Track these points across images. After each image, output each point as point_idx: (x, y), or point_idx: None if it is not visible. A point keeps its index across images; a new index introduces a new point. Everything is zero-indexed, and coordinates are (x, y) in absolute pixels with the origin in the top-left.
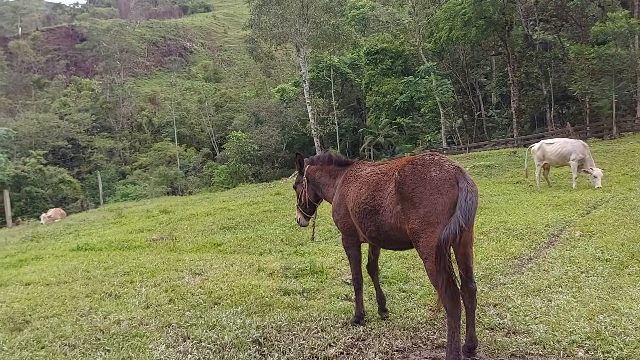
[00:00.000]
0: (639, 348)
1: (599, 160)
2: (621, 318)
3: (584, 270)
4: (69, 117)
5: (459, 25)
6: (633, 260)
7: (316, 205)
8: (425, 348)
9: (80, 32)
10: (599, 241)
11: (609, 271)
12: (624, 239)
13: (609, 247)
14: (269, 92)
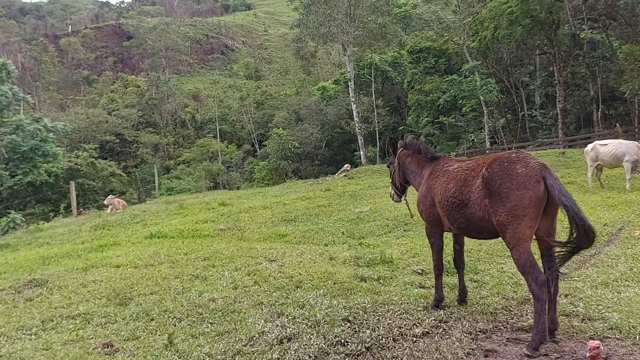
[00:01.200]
0: None
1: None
2: None
3: None
4: (116, 113)
5: (505, 24)
6: None
7: (406, 186)
8: (506, 330)
9: (127, 30)
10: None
11: None
12: None
13: None
14: (309, 90)
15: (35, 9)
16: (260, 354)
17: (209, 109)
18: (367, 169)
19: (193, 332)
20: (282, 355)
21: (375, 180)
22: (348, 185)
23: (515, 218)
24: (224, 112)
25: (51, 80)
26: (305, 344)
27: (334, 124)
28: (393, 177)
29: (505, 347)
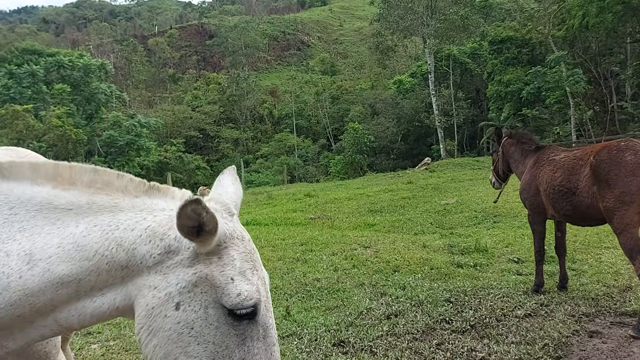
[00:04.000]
0: None
1: None
2: None
3: None
4: (199, 109)
5: (594, 11)
6: None
7: (509, 174)
8: (609, 315)
9: (209, 29)
10: None
11: None
12: None
13: None
14: (385, 84)
15: (124, 11)
16: (371, 326)
17: (286, 104)
18: (448, 162)
19: (305, 306)
20: (392, 328)
21: (457, 173)
22: (430, 178)
23: (623, 204)
24: (300, 107)
25: (140, 79)
26: (412, 320)
27: (410, 118)
28: (496, 165)
29: (609, 329)
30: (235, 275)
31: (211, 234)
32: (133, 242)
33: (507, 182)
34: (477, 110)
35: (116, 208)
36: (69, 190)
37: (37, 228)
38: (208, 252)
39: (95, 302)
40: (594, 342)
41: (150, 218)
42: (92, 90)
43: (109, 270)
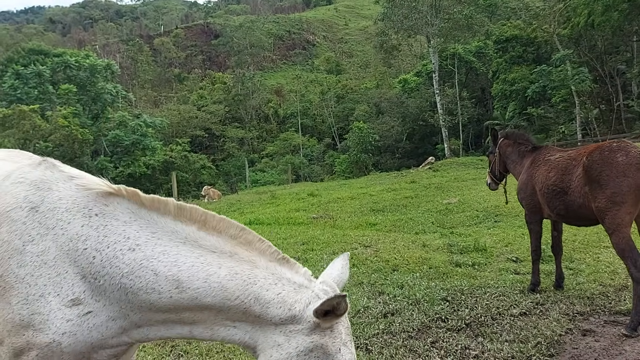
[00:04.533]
0: None
1: None
2: None
3: None
4: (205, 109)
5: (600, 9)
6: None
7: (505, 175)
8: (604, 313)
9: (214, 29)
10: None
11: None
12: None
13: None
14: (390, 83)
15: (130, 11)
16: (367, 325)
17: (291, 103)
18: (452, 161)
19: None
20: (388, 327)
21: (460, 172)
22: (433, 177)
23: (615, 204)
24: (305, 107)
25: (146, 79)
26: (408, 318)
27: (415, 117)
28: (492, 166)
29: (603, 328)
30: (341, 346)
31: (337, 317)
32: (267, 302)
33: (505, 182)
34: (482, 109)
35: (253, 265)
36: (213, 236)
37: (181, 257)
38: (325, 327)
39: (227, 330)
40: (587, 341)
41: (280, 286)
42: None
43: (244, 313)
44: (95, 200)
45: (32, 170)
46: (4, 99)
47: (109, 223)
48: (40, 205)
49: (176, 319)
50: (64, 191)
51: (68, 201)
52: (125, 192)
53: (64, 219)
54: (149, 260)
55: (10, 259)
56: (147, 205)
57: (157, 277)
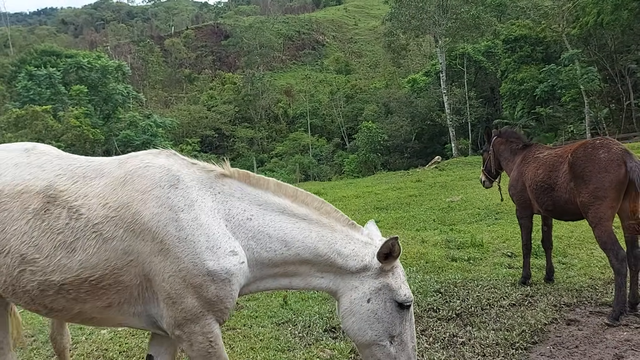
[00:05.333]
0: None
1: None
2: None
3: None
4: (215, 109)
5: (609, 8)
6: None
7: (500, 173)
8: (589, 305)
9: (224, 30)
10: None
11: None
12: None
13: None
14: (399, 83)
15: (141, 12)
16: None
17: (300, 103)
18: (458, 160)
19: (303, 296)
20: None
21: (466, 171)
22: (439, 176)
23: (597, 199)
24: (314, 107)
25: (157, 79)
26: None
27: (424, 117)
28: (487, 164)
29: (587, 318)
30: (401, 283)
31: (395, 258)
32: (346, 256)
33: (499, 180)
34: (491, 109)
35: (332, 229)
36: (303, 207)
37: (283, 223)
38: (387, 270)
39: (317, 280)
40: (571, 329)
41: (353, 244)
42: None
43: (330, 265)
44: (215, 181)
45: (155, 157)
46: (17, 100)
47: (229, 200)
48: (178, 184)
49: (282, 272)
50: (191, 174)
51: (197, 181)
52: (237, 174)
53: (200, 195)
54: (262, 226)
55: (167, 227)
56: (253, 184)
57: (271, 239)
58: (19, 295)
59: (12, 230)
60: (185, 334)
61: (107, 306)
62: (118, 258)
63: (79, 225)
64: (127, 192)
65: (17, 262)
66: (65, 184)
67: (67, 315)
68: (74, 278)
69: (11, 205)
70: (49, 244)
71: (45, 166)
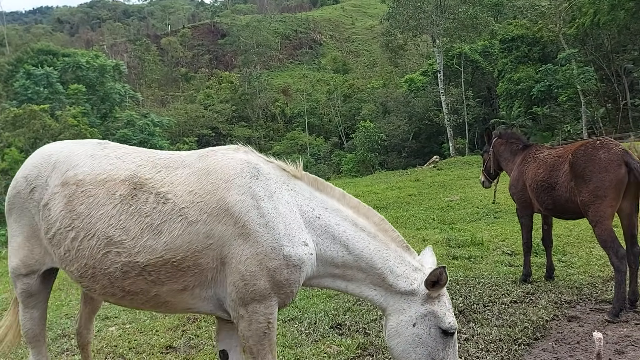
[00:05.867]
0: None
1: None
2: None
3: None
4: (212, 108)
5: (606, 8)
6: None
7: (499, 173)
8: (590, 302)
9: (221, 28)
10: None
11: None
12: None
13: None
14: (397, 82)
15: (138, 11)
16: (367, 311)
17: (298, 102)
18: (456, 160)
19: (307, 294)
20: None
21: (464, 171)
22: (437, 175)
23: (597, 198)
24: (312, 106)
25: (153, 78)
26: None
27: (421, 116)
28: (486, 165)
29: (588, 315)
30: (447, 311)
31: (442, 286)
32: (398, 275)
33: (497, 181)
34: (488, 109)
35: (387, 246)
36: (363, 219)
37: (346, 229)
38: (434, 297)
39: (370, 291)
40: (572, 326)
41: (404, 265)
42: (107, 90)
43: (382, 280)
44: (288, 179)
45: (234, 152)
46: (15, 99)
47: (299, 197)
48: (258, 175)
49: (341, 274)
50: (269, 170)
51: (274, 176)
52: (307, 178)
53: (277, 188)
54: (328, 227)
55: (249, 213)
56: (320, 189)
57: (335, 240)
58: (97, 279)
59: (98, 214)
60: (249, 313)
61: (182, 289)
62: (200, 241)
63: (166, 209)
64: (211, 180)
65: (103, 244)
66: (149, 172)
67: (143, 299)
68: (158, 259)
69: (96, 192)
70: (136, 226)
71: (125, 158)
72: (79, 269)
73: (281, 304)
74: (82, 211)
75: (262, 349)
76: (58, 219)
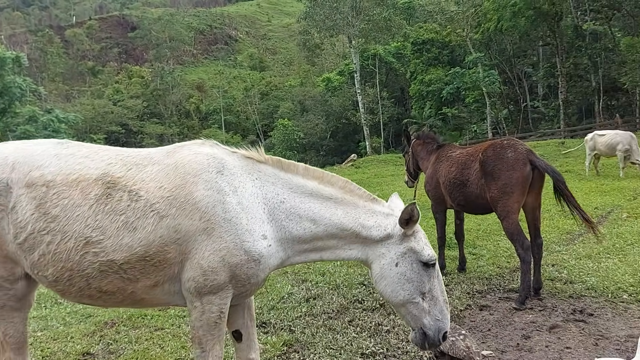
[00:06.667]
0: None
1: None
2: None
3: (629, 243)
4: (121, 104)
5: (508, 15)
6: None
7: (419, 172)
8: (499, 291)
9: (131, 21)
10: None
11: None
12: None
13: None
14: (314, 81)
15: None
16: (291, 309)
17: (214, 99)
18: (373, 158)
19: None
20: (310, 310)
21: (381, 169)
22: (355, 174)
23: (505, 194)
24: (228, 103)
25: (57, 72)
26: (328, 301)
27: (338, 115)
28: (408, 165)
29: (497, 303)
30: (424, 245)
31: (415, 222)
32: (370, 227)
33: (418, 180)
34: (402, 109)
35: (355, 205)
36: (329, 187)
37: (312, 204)
38: (409, 234)
39: (346, 252)
40: (483, 314)
41: (375, 216)
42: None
43: (356, 237)
44: (253, 167)
45: (200, 147)
46: None
47: (264, 185)
48: (223, 170)
49: (312, 248)
50: (233, 161)
51: (239, 168)
52: (271, 161)
53: (242, 181)
54: (294, 208)
55: (215, 207)
56: (285, 169)
57: (301, 218)
58: (74, 281)
59: (75, 216)
60: (203, 304)
61: (154, 285)
62: (169, 235)
63: (139, 205)
64: (180, 175)
65: (82, 246)
66: (120, 171)
67: (119, 298)
68: (132, 256)
69: (70, 193)
70: (112, 225)
71: (92, 156)
72: (54, 273)
73: (237, 294)
74: (58, 213)
75: (212, 339)
76: (29, 222)
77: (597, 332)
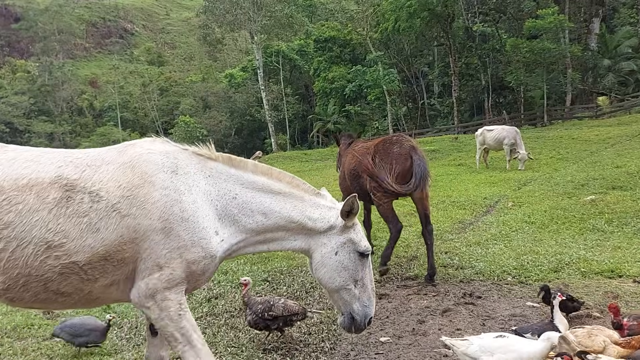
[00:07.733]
0: (550, 274)
1: (531, 146)
2: (539, 257)
3: (514, 229)
4: (5, 100)
5: (405, 16)
6: (552, 222)
7: None
8: (397, 280)
9: (14, 12)
10: (527, 209)
11: (533, 230)
12: (546, 207)
13: (534, 213)
14: (216, 77)
15: None
16: (192, 309)
17: (109, 95)
18: (279, 155)
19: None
20: (211, 309)
21: (286, 166)
22: None
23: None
24: (125, 99)
25: None
26: (231, 300)
27: (243, 112)
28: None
29: (395, 291)
30: (361, 237)
31: (354, 214)
32: (315, 219)
33: None
34: (306, 106)
35: (302, 199)
36: (277, 182)
37: (262, 198)
38: (349, 226)
39: (291, 242)
40: (382, 302)
41: (319, 209)
42: None
43: (302, 228)
44: (205, 165)
45: (152, 144)
46: None
47: (217, 182)
48: (177, 169)
49: (262, 239)
50: (186, 159)
51: (192, 166)
52: (221, 159)
53: (196, 179)
54: (245, 203)
55: (173, 207)
56: (235, 166)
57: (253, 212)
58: (30, 287)
59: (33, 221)
60: (157, 302)
61: (110, 284)
62: (128, 235)
63: (101, 206)
64: (137, 174)
65: (42, 250)
66: (74, 173)
67: (75, 298)
68: (94, 256)
69: (23, 198)
70: (75, 227)
71: (39, 160)
72: (7, 280)
73: (190, 289)
74: (12, 219)
75: (186, 331)
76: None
77: (485, 313)
